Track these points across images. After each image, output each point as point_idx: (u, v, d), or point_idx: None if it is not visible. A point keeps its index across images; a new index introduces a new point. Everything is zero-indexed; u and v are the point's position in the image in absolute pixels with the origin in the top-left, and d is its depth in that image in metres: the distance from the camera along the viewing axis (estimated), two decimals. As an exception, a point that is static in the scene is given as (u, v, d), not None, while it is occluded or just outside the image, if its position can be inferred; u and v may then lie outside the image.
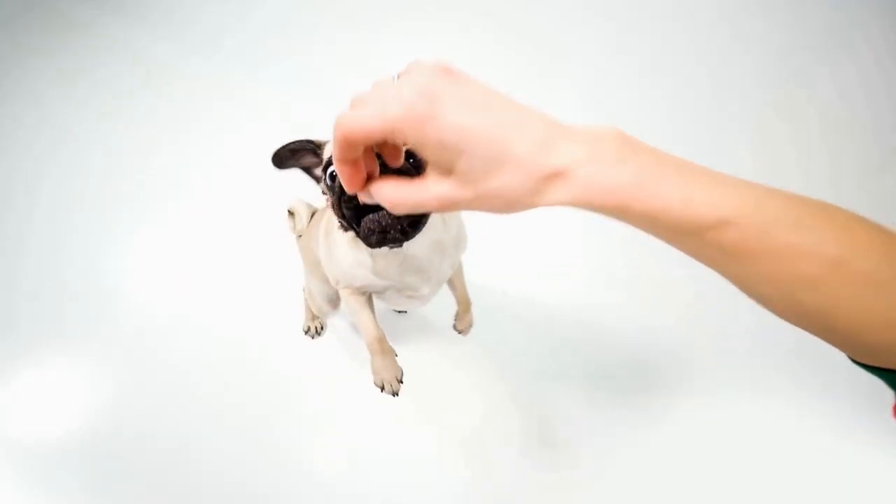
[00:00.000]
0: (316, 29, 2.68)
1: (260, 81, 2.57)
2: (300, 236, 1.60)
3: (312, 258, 1.47)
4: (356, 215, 0.93)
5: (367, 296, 1.25)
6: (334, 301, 1.61)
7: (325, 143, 1.10)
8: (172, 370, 1.78)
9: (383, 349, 1.25)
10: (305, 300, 1.80)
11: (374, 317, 1.26)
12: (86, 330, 1.88)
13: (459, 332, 1.52)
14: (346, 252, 1.15)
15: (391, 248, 1.04)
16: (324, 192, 1.05)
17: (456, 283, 1.44)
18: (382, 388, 1.24)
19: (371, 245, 0.96)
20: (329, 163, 0.99)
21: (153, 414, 1.69)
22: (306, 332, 1.84)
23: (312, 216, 1.60)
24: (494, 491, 1.53)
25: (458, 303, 1.47)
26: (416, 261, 1.12)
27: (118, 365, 1.80)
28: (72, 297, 1.96)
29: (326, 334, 1.86)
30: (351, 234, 1.05)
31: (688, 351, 1.75)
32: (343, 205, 0.93)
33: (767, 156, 2.05)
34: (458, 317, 1.50)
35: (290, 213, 1.64)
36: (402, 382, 1.25)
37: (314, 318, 1.84)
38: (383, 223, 0.92)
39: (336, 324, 1.89)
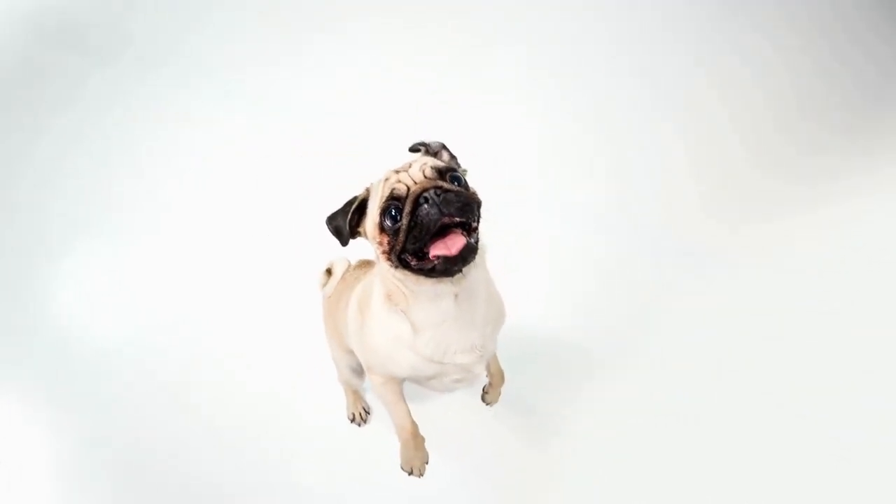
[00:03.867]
0: (284, 49, 2.67)
1: (226, 108, 2.53)
2: (329, 297, 1.44)
3: (335, 324, 1.37)
4: (423, 249, 0.92)
5: (401, 385, 1.22)
6: (360, 371, 1.45)
7: (368, 190, 1.02)
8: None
9: (416, 440, 1.27)
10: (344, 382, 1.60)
11: (407, 407, 1.25)
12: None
13: (488, 404, 1.56)
14: (385, 331, 1.07)
15: (456, 273, 0.97)
16: (377, 240, 0.98)
17: (491, 358, 1.43)
18: (410, 473, 1.30)
19: (452, 273, 0.94)
20: (389, 205, 0.94)
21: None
22: (352, 421, 1.63)
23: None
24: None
25: (492, 375, 1.48)
26: (472, 300, 1.04)
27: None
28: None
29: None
30: (388, 309, 1.04)
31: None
32: (410, 241, 0.92)
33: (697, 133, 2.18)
34: (489, 389, 1.53)
35: (328, 271, 1.46)
36: (427, 463, 1.30)
37: (356, 400, 1.62)
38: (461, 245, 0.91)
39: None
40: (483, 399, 1.55)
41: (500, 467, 1.52)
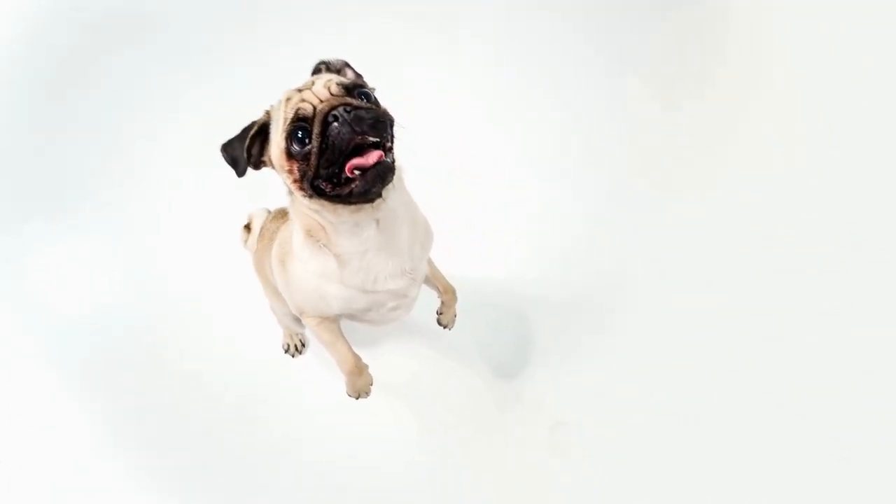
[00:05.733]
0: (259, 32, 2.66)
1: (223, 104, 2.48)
2: (256, 252, 1.44)
3: (266, 278, 1.36)
4: (338, 173, 0.86)
5: (338, 322, 1.18)
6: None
7: (268, 113, 0.95)
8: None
9: (360, 371, 1.23)
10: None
11: (348, 342, 1.21)
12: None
13: (444, 327, 1.44)
14: (310, 270, 1.03)
15: (376, 198, 0.93)
16: (285, 169, 0.91)
17: (434, 274, 1.36)
18: (358, 397, 1.29)
19: (371, 197, 0.89)
20: (296, 127, 0.87)
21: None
22: (286, 351, 1.67)
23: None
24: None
25: (443, 293, 1.39)
26: (394, 225, 1.00)
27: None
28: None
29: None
30: (309, 246, 0.99)
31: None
32: (323, 165, 0.86)
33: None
34: (443, 309, 1.42)
35: (247, 227, 1.46)
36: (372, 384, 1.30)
37: (293, 333, 1.66)
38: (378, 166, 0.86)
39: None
40: (439, 322, 1.44)
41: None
